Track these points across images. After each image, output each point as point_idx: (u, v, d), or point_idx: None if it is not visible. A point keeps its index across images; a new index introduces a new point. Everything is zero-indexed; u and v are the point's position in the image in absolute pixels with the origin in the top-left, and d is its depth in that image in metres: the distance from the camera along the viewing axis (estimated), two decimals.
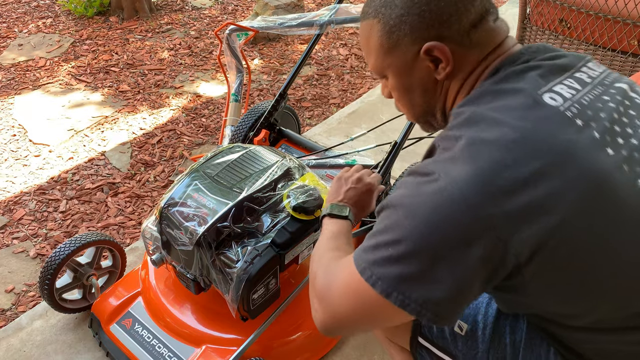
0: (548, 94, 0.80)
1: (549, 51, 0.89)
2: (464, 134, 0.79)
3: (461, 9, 0.85)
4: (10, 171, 2.40)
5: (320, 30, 1.76)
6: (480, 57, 0.89)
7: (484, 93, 0.85)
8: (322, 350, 1.49)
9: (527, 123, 0.76)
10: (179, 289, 1.42)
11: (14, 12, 3.93)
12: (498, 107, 0.81)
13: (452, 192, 0.73)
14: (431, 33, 0.87)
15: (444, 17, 0.85)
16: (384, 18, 0.90)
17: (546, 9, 2.24)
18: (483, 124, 0.79)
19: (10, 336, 1.56)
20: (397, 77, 0.95)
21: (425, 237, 0.74)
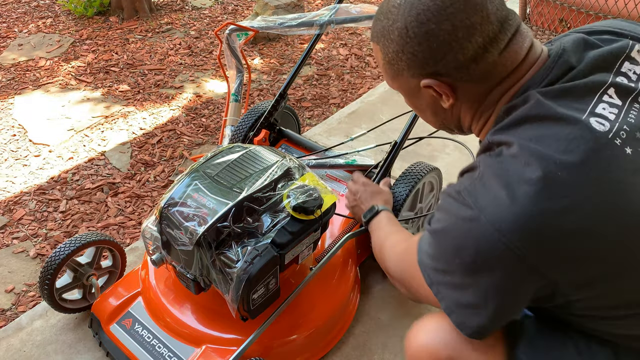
0: (593, 117, 0.77)
1: (580, 57, 0.84)
2: (504, 168, 0.78)
3: (455, 47, 0.82)
4: (10, 171, 2.40)
5: (320, 30, 1.76)
6: (490, 87, 0.86)
7: (520, 120, 0.81)
8: (322, 350, 1.49)
9: (573, 157, 0.74)
10: (179, 289, 1.42)
11: (14, 12, 3.93)
12: (538, 137, 0.78)
13: (498, 237, 0.74)
14: (427, 70, 0.86)
15: (437, 56, 0.83)
16: (383, 48, 0.90)
17: (546, 9, 2.24)
18: (523, 158, 0.76)
19: (10, 336, 1.56)
20: (407, 98, 0.98)
21: (474, 276, 0.79)
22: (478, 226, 0.76)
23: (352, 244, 1.61)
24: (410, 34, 0.83)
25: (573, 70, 0.82)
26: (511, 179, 0.76)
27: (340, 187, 1.75)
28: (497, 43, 0.82)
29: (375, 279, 1.75)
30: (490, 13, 0.81)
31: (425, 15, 0.81)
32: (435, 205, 1.82)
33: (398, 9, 0.85)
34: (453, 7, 0.80)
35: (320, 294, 1.48)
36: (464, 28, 0.80)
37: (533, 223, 0.73)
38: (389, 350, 1.53)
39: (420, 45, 0.83)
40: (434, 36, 0.81)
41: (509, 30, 0.83)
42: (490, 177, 0.79)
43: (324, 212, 1.27)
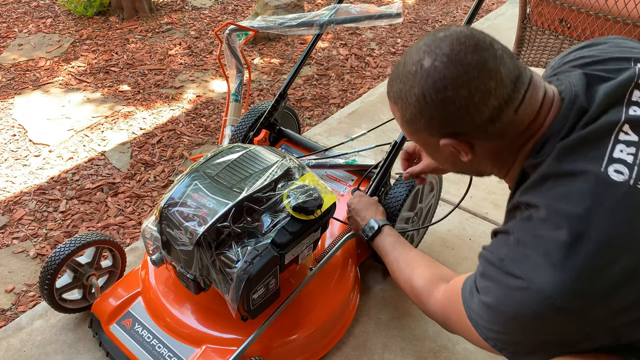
0: (611, 166, 0.80)
1: (591, 96, 0.85)
2: (537, 235, 0.81)
3: (472, 111, 0.84)
4: (10, 171, 2.40)
5: (320, 30, 1.76)
6: (508, 142, 0.89)
7: (543, 178, 0.85)
8: (322, 350, 1.49)
9: (601, 217, 0.77)
10: (179, 289, 1.42)
11: (14, 12, 3.93)
12: (563, 195, 0.81)
13: (550, 303, 0.78)
14: (445, 131, 0.89)
15: (455, 119, 0.86)
16: (401, 109, 0.93)
17: (546, 9, 2.24)
18: (553, 221, 0.80)
19: (10, 336, 1.56)
20: (426, 151, 1.01)
21: (534, 335, 0.83)
22: (530, 295, 0.80)
23: (352, 244, 1.61)
24: (427, 100, 0.86)
25: (586, 113, 0.84)
26: (547, 246, 0.80)
27: (341, 187, 1.75)
28: (512, 103, 0.85)
29: (375, 279, 1.75)
30: (504, 76, 0.83)
31: (442, 83, 0.84)
32: (435, 204, 1.82)
33: (415, 76, 0.87)
34: (468, 74, 0.83)
35: (320, 294, 1.48)
36: (479, 93, 0.83)
37: (578, 285, 0.77)
38: (389, 350, 1.53)
39: (438, 110, 0.86)
40: (451, 102, 0.84)
41: (522, 88, 0.86)
42: (526, 244, 0.83)
43: (324, 212, 1.27)
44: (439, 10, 4.26)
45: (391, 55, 3.52)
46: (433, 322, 1.60)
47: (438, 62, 0.85)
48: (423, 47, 0.88)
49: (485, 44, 0.85)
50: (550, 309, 0.78)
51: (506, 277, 0.84)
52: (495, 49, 0.85)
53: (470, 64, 0.83)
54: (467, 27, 0.88)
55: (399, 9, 1.71)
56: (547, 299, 0.78)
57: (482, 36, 0.86)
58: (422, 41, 0.91)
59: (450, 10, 4.26)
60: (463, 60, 0.83)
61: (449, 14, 4.20)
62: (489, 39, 0.87)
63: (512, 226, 0.88)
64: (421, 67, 0.86)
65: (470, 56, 0.83)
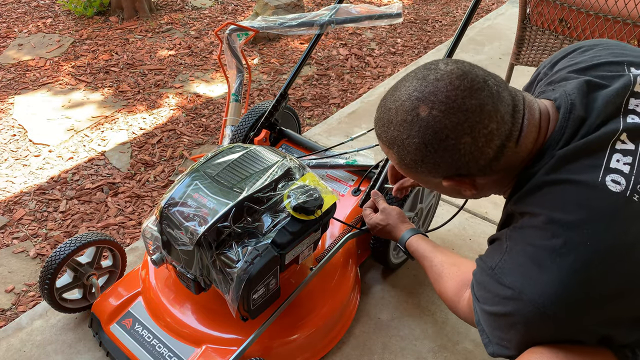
0: (608, 176, 0.79)
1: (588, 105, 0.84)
2: (531, 243, 0.81)
3: (477, 155, 0.83)
4: (10, 171, 2.40)
5: (320, 30, 1.76)
6: (512, 170, 0.88)
7: (539, 186, 0.83)
8: (322, 350, 1.49)
9: (597, 227, 0.76)
10: (179, 289, 1.42)
11: (14, 12, 3.93)
12: (560, 204, 0.80)
13: (542, 312, 0.78)
14: (449, 173, 0.87)
15: (460, 164, 0.84)
16: (398, 154, 0.90)
17: (546, 9, 2.24)
18: (549, 230, 0.79)
19: (10, 336, 1.56)
20: (426, 187, 1.01)
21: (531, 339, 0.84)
22: (522, 305, 0.80)
23: (353, 244, 1.61)
24: (430, 149, 0.84)
25: (585, 123, 0.83)
26: (540, 255, 0.79)
27: (341, 187, 1.75)
28: (512, 136, 0.83)
29: (375, 279, 1.75)
30: (503, 113, 0.81)
31: (444, 133, 0.81)
32: (435, 205, 1.82)
33: (412, 125, 0.84)
34: (469, 120, 0.80)
35: (321, 294, 1.48)
36: (482, 137, 0.81)
37: (571, 295, 0.77)
38: (389, 350, 1.53)
39: (442, 157, 0.84)
40: (455, 150, 0.82)
41: (519, 118, 0.84)
42: (519, 253, 0.83)
43: (325, 212, 1.27)
44: (439, 10, 4.26)
45: (391, 55, 3.52)
46: (433, 323, 1.60)
47: (436, 112, 0.81)
48: (415, 93, 0.84)
49: (480, 83, 0.81)
50: (542, 317, 0.79)
51: (498, 286, 0.85)
52: (490, 86, 0.82)
53: (469, 109, 0.80)
54: (456, 64, 0.84)
55: (399, 9, 1.70)
56: (539, 309, 0.78)
57: (474, 73, 0.83)
58: (411, 85, 0.85)
59: (450, 10, 4.26)
60: (462, 106, 0.80)
61: (449, 14, 4.20)
62: (482, 74, 0.83)
63: (505, 234, 0.88)
64: (417, 116, 0.83)
65: (469, 101, 0.80)
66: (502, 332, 0.87)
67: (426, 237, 1.37)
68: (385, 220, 1.42)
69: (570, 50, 1.01)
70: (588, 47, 0.99)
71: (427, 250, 1.29)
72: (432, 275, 1.24)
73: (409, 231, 1.38)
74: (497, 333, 0.88)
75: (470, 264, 1.18)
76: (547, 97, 0.91)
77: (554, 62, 1.02)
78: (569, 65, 0.96)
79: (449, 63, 0.85)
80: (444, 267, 1.22)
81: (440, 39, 3.76)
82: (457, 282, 1.15)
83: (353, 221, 1.59)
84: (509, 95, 0.84)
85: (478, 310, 0.92)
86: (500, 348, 0.89)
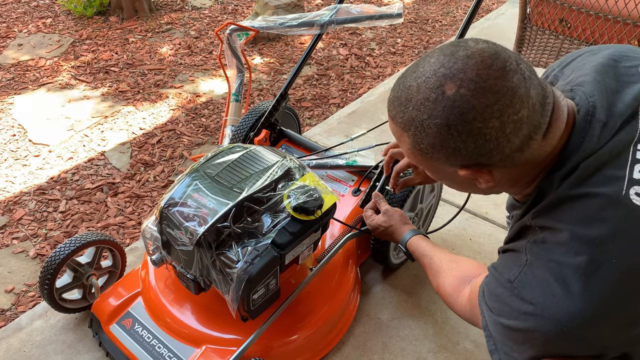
0: (632, 189, 0.76)
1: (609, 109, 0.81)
2: (554, 260, 0.78)
3: (503, 143, 0.76)
4: (10, 171, 2.40)
5: (320, 30, 1.76)
6: (532, 166, 0.83)
7: (561, 200, 0.80)
8: (322, 350, 1.49)
9: (623, 244, 0.74)
10: (179, 289, 1.42)
11: (14, 12, 3.93)
12: (584, 219, 0.77)
13: (563, 330, 0.76)
14: (469, 162, 0.81)
15: (482, 152, 0.78)
16: (414, 137, 0.82)
17: (546, 9, 2.24)
18: (573, 247, 0.76)
19: (10, 336, 1.56)
20: (435, 176, 0.93)
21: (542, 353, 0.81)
22: (543, 322, 0.78)
23: (353, 245, 1.60)
24: (453, 132, 0.77)
25: (605, 127, 0.80)
26: (564, 272, 0.77)
27: (341, 187, 1.75)
28: (540, 128, 0.78)
29: (375, 279, 1.75)
30: (535, 101, 0.76)
31: (471, 114, 0.75)
32: (435, 205, 1.82)
33: (435, 104, 0.77)
34: (499, 103, 0.74)
35: (321, 294, 1.48)
36: (512, 123, 0.75)
37: (594, 315, 0.75)
38: (389, 350, 1.53)
39: (465, 142, 0.77)
40: (481, 135, 0.76)
41: (549, 110, 0.79)
42: (541, 269, 0.80)
43: (325, 213, 1.27)
44: (439, 10, 4.26)
45: (391, 55, 3.52)
46: (433, 323, 1.60)
47: (464, 90, 0.74)
48: (442, 69, 0.77)
49: (512, 65, 0.75)
50: (563, 336, 0.77)
51: (517, 300, 0.82)
52: (523, 70, 0.76)
53: (501, 92, 0.74)
54: (487, 43, 0.79)
55: (399, 9, 1.70)
56: (561, 327, 0.76)
57: (507, 55, 0.77)
58: (437, 60, 0.79)
59: (450, 10, 4.26)
60: (493, 87, 0.74)
61: (449, 13, 4.20)
62: (514, 57, 0.77)
63: (523, 246, 0.84)
64: (443, 94, 0.76)
65: (501, 82, 0.74)
66: (515, 344, 0.84)
67: (427, 237, 1.37)
68: (388, 222, 1.43)
69: (581, 52, 0.99)
70: (598, 50, 0.97)
71: (427, 249, 1.30)
72: (431, 271, 1.25)
73: (410, 232, 1.38)
74: (509, 344, 0.85)
75: (469, 262, 1.18)
76: (567, 98, 0.87)
77: (564, 64, 1.00)
78: (583, 65, 0.93)
79: (479, 42, 0.79)
80: (443, 263, 1.22)
81: (440, 39, 3.76)
82: (456, 278, 1.15)
83: (353, 221, 1.59)
84: (540, 84, 0.78)
85: (489, 320, 0.89)
86: (507, 357, 0.87)
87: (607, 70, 0.87)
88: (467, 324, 1.59)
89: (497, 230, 1.96)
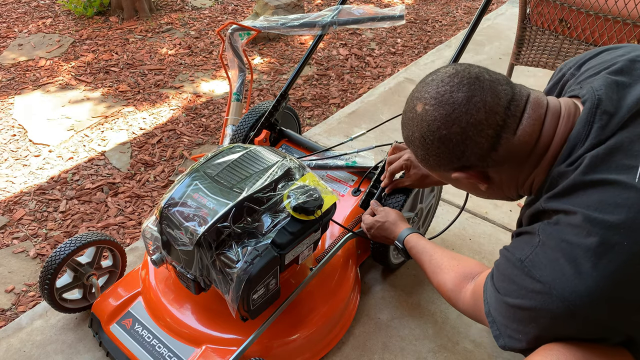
0: None
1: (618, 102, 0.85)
2: (566, 240, 0.81)
3: (470, 144, 0.88)
4: (10, 171, 2.40)
5: (322, 31, 1.76)
6: (520, 162, 0.90)
7: (575, 186, 0.83)
8: (322, 350, 1.49)
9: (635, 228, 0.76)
10: (179, 289, 1.42)
11: (14, 12, 3.93)
12: (598, 203, 0.80)
13: (571, 309, 0.78)
14: (455, 165, 0.93)
15: (458, 154, 0.91)
16: (414, 151, 0.99)
17: (546, 9, 2.24)
18: (585, 228, 0.79)
19: (10, 336, 1.56)
20: (448, 182, 1.05)
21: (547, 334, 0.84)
22: (550, 300, 0.80)
23: (352, 245, 1.61)
24: (427, 142, 0.92)
25: (613, 118, 0.83)
26: (575, 252, 0.79)
27: (341, 187, 1.75)
28: (507, 127, 0.87)
29: (375, 279, 1.75)
30: (492, 105, 0.86)
31: (435, 125, 0.90)
32: (435, 205, 1.82)
33: (413, 122, 0.94)
34: (456, 111, 0.87)
35: (321, 294, 1.48)
36: (471, 127, 0.87)
37: (602, 295, 0.77)
38: (389, 350, 1.53)
39: (439, 148, 0.91)
40: (448, 140, 0.89)
41: (517, 110, 0.88)
42: (553, 249, 0.83)
43: (324, 213, 1.27)
44: (439, 10, 4.26)
45: (391, 55, 3.52)
46: (433, 323, 1.60)
47: (428, 106, 0.90)
48: (415, 93, 0.95)
49: (470, 79, 0.88)
50: (570, 315, 0.79)
51: (526, 279, 0.85)
52: (482, 81, 0.87)
53: (457, 102, 0.87)
54: (453, 66, 0.92)
55: (401, 11, 1.70)
56: (568, 306, 0.78)
57: (467, 71, 0.89)
58: (415, 89, 0.97)
59: (450, 10, 4.26)
60: (449, 99, 0.88)
61: (449, 14, 4.20)
62: (476, 71, 0.89)
63: (537, 228, 0.88)
64: (416, 113, 0.93)
65: (456, 94, 0.87)
66: (521, 325, 0.86)
67: (423, 237, 1.38)
68: (384, 217, 1.43)
69: (599, 50, 1.02)
70: (615, 48, 1.00)
71: (427, 247, 1.30)
72: (431, 268, 1.25)
73: (407, 229, 1.39)
74: (514, 325, 0.88)
75: (471, 260, 1.19)
76: (574, 95, 0.93)
77: (580, 62, 1.03)
78: (598, 64, 0.96)
79: (448, 66, 0.94)
80: (444, 260, 1.23)
81: (440, 39, 3.76)
82: (458, 275, 1.16)
83: (351, 223, 1.59)
84: (508, 89, 0.88)
85: (493, 302, 0.92)
86: (512, 340, 0.89)
87: (622, 69, 0.91)
88: (467, 324, 1.59)
89: (497, 230, 1.97)
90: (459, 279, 1.15)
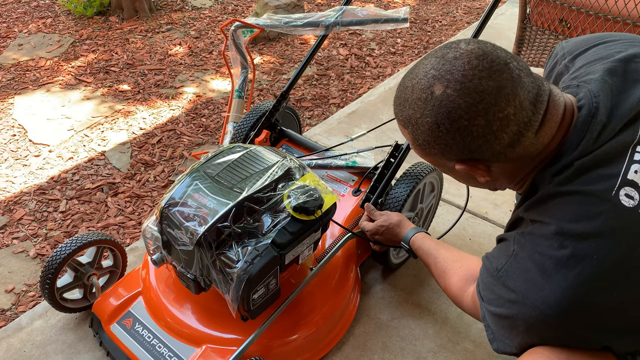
0: (623, 190, 0.77)
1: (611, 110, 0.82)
2: (538, 251, 0.81)
3: (491, 139, 0.80)
4: (10, 171, 2.40)
5: (325, 31, 1.76)
6: (527, 161, 0.86)
7: (552, 195, 0.82)
8: (322, 350, 1.49)
9: (606, 242, 0.76)
10: (180, 289, 1.42)
11: (14, 12, 3.93)
12: (571, 215, 0.79)
13: (544, 318, 0.79)
14: (462, 157, 0.85)
15: (472, 148, 0.82)
16: (412, 133, 0.87)
17: (546, 9, 2.24)
18: (558, 240, 0.79)
19: (10, 336, 1.56)
20: (440, 169, 0.97)
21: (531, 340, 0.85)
22: (525, 309, 0.81)
23: (353, 245, 1.61)
24: (442, 129, 0.81)
25: (605, 129, 0.81)
26: (546, 264, 0.79)
27: (341, 187, 1.75)
28: (532, 126, 0.80)
29: (375, 279, 1.75)
30: (522, 99, 0.78)
31: (456, 113, 0.78)
32: (435, 205, 1.82)
33: (425, 104, 0.81)
34: (484, 102, 0.77)
35: (321, 294, 1.48)
36: (497, 121, 0.78)
37: (572, 305, 0.77)
38: (389, 350, 1.53)
39: (454, 139, 0.81)
40: (468, 132, 0.79)
41: (541, 108, 0.81)
42: (525, 259, 0.83)
43: (325, 213, 1.27)
44: (439, 10, 4.26)
45: (391, 55, 3.52)
46: (433, 323, 1.61)
47: (450, 90, 0.78)
48: (432, 71, 0.81)
49: (500, 65, 0.78)
50: (543, 323, 0.80)
51: (502, 288, 0.86)
52: (511, 69, 0.78)
53: (486, 91, 0.77)
54: (477, 44, 0.81)
55: (405, 13, 1.70)
56: (540, 314, 0.79)
57: (495, 54, 0.79)
58: (429, 62, 0.83)
59: (450, 10, 4.26)
60: (478, 87, 0.77)
61: (449, 14, 4.20)
62: (504, 56, 0.79)
63: (513, 237, 0.88)
64: (432, 94, 0.80)
65: (486, 82, 0.77)
66: (506, 331, 0.88)
67: (429, 235, 1.38)
68: (387, 220, 1.43)
69: (595, 42, 0.98)
70: (610, 40, 0.97)
71: (432, 248, 1.30)
72: (437, 271, 1.25)
73: (412, 229, 1.39)
74: (502, 332, 0.89)
75: (473, 260, 1.19)
76: (572, 94, 0.88)
77: (575, 54, 1.00)
78: (594, 60, 0.93)
79: (471, 42, 0.82)
80: (448, 263, 1.23)
81: (440, 39, 3.76)
82: (461, 278, 1.16)
83: (351, 223, 1.59)
84: (533, 82, 0.80)
85: (484, 310, 0.93)
86: (503, 345, 0.90)
87: (617, 69, 0.88)
88: (467, 324, 1.59)
89: (497, 230, 1.96)
90: (462, 282, 1.15)
